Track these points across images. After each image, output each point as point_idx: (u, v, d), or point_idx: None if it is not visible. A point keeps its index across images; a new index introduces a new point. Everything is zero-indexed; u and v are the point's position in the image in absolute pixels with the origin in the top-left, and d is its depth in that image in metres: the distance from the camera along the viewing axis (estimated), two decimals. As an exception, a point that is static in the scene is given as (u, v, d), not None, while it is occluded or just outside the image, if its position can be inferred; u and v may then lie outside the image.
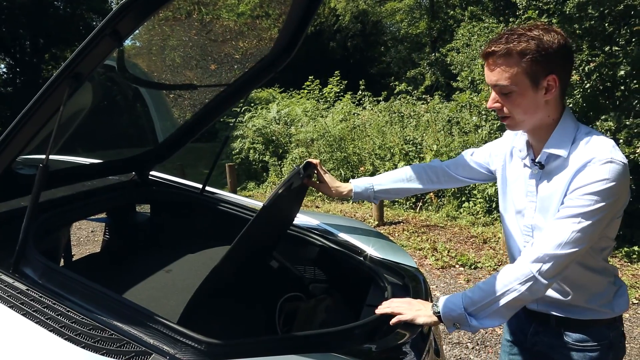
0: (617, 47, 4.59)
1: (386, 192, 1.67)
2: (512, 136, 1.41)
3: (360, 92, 9.56)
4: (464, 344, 3.11)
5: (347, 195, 1.69)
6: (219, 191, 2.21)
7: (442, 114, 7.86)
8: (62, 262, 2.13)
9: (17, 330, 1.04)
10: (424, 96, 8.93)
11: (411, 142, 7.08)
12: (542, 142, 1.24)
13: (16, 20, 16.92)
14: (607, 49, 4.61)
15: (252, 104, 10.72)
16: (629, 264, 4.41)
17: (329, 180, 1.70)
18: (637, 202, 4.39)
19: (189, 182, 2.28)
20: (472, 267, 4.42)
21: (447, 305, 1.22)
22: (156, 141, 2.18)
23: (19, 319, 1.05)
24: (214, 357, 1.01)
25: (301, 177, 1.56)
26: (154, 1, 1.10)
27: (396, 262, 1.71)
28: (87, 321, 1.06)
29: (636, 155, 4.26)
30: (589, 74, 4.69)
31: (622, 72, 4.46)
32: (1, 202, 1.55)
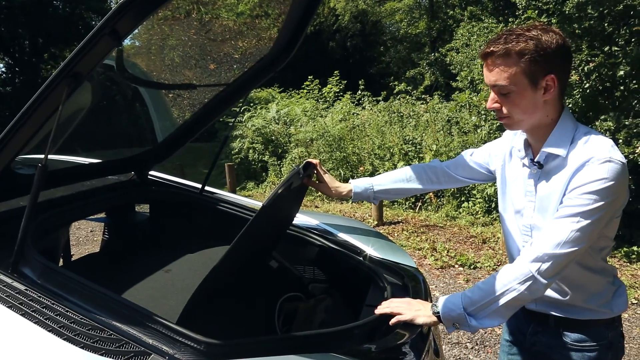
0: (616, 47, 4.60)
1: (386, 192, 1.67)
2: (512, 136, 1.41)
3: (359, 92, 9.55)
4: (463, 344, 3.11)
5: (347, 195, 1.69)
6: (218, 191, 2.21)
7: (441, 113, 7.86)
8: (61, 262, 2.13)
9: (16, 330, 1.04)
10: (424, 96, 8.93)
11: (410, 142, 7.08)
12: (541, 142, 1.25)
13: (15, 19, 16.89)
14: (606, 49, 4.62)
15: (252, 104, 10.70)
16: (628, 264, 4.41)
17: (329, 180, 1.70)
18: (636, 202, 4.40)
19: (189, 182, 2.28)
20: (472, 267, 4.43)
21: (447, 305, 1.22)
22: (155, 141, 2.18)
23: (18, 319, 1.05)
24: (213, 357, 1.01)
25: (301, 177, 1.56)
26: (153, 0, 1.10)
27: (395, 262, 1.71)
28: (86, 321, 1.05)
29: (635, 155, 4.26)
30: (588, 74, 4.69)
31: (621, 72, 4.47)
32: (0, 201, 1.55)
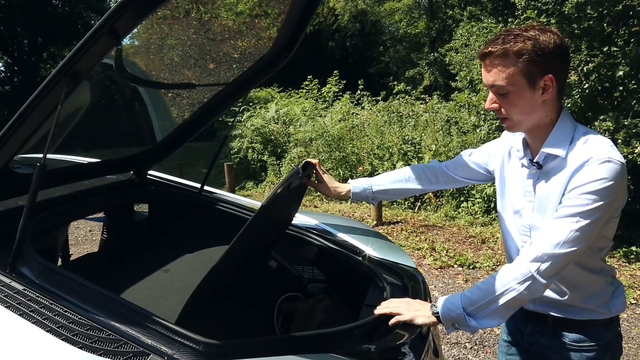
0: (615, 48, 4.60)
1: (385, 192, 1.67)
2: (510, 136, 1.41)
3: (358, 91, 9.55)
4: (462, 344, 3.12)
5: (346, 195, 1.68)
6: (217, 191, 2.21)
7: (440, 113, 7.86)
8: (59, 262, 2.13)
9: (14, 330, 1.04)
10: (423, 96, 8.93)
11: (410, 141, 7.09)
12: (540, 142, 1.25)
13: (14, 18, 16.86)
14: (605, 50, 4.62)
15: (251, 104, 10.69)
16: (627, 264, 4.42)
17: (328, 180, 1.70)
18: (635, 203, 4.40)
19: (188, 182, 2.27)
20: (471, 267, 4.43)
21: (446, 305, 1.22)
22: (154, 140, 2.18)
23: (16, 319, 1.05)
24: (212, 357, 1.01)
25: (300, 177, 1.56)
26: None
27: (395, 262, 1.71)
28: (84, 321, 1.05)
29: (634, 155, 4.27)
30: (587, 75, 4.69)
31: (620, 73, 4.47)
32: (-1, 201, 1.55)
